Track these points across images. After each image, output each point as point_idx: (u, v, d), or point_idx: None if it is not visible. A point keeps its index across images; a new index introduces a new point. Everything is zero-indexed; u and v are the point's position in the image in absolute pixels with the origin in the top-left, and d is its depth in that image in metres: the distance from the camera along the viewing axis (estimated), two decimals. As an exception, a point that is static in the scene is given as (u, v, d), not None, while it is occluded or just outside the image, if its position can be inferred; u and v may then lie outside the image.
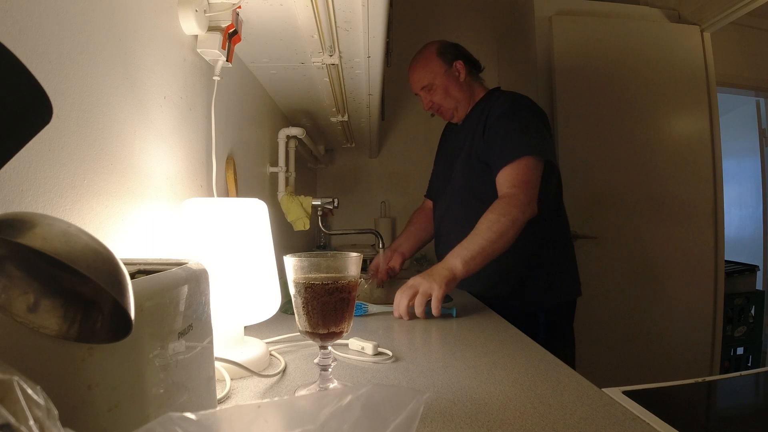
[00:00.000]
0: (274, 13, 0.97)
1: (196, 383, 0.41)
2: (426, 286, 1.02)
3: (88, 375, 0.30)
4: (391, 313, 1.06)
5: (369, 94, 1.55)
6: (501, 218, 1.13)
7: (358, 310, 1.08)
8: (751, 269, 2.60)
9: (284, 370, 0.71)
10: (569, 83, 2.19)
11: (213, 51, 0.88)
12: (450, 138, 1.57)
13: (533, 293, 1.33)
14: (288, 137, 1.63)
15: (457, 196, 1.41)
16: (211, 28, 0.89)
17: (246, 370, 0.65)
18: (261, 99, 1.47)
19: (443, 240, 1.47)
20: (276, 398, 0.43)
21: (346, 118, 1.77)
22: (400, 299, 1.02)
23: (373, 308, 1.10)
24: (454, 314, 1.05)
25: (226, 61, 0.93)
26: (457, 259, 1.09)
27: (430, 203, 1.65)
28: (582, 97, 2.20)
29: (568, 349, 1.40)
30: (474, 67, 1.46)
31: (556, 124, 2.17)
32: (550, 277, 1.34)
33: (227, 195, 1.07)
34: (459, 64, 1.40)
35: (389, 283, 1.56)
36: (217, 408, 0.43)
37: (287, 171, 1.62)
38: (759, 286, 2.65)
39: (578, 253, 1.48)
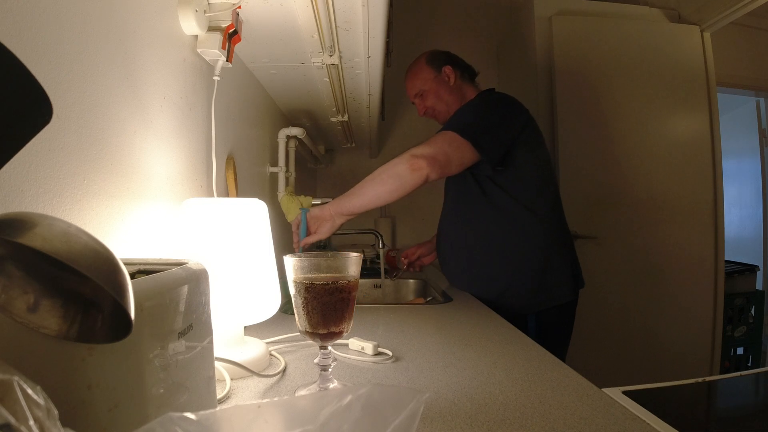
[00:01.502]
0: (274, 13, 0.97)
1: (196, 383, 0.41)
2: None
3: (88, 375, 0.30)
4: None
5: (369, 94, 1.55)
6: (385, 165, 1.22)
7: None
8: (751, 269, 2.60)
9: (284, 370, 0.71)
10: (569, 83, 2.18)
11: (213, 51, 0.88)
12: None
13: (520, 298, 1.32)
14: (288, 137, 1.63)
15: (451, 199, 1.43)
16: (211, 28, 0.89)
17: (246, 370, 0.65)
18: (261, 99, 1.47)
19: (442, 242, 1.49)
20: (276, 398, 0.43)
21: (346, 118, 1.77)
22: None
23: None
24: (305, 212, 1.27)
25: (226, 61, 0.93)
26: (337, 200, 1.26)
27: None
28: (582, 96, 2.20)
29: (560, 352, 1.38)
30: (465, 71, 1.48)
31: (556, 124, 2.17)
32: (536, 281, 1.31)
33: (227, 195, 1.07)
34: (447, 69, 1.44)
35: (398, 279, 1.60)
36: (217, 408, 0.43)
37: (287, 171, 1.62)
38: (759, 286, 2.65)
39: (578, 253, 1.47)
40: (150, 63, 0.72)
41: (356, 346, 0.80)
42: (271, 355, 0.76)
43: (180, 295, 0.39)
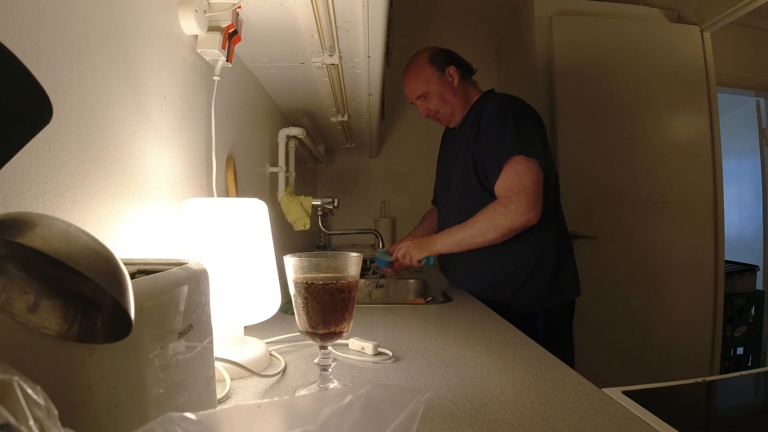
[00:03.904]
0: (274, 13, 0.97)
1: (196, 383, 0.41)
2: (411, 256, 1.39)
3: (88, 375, 0.30)
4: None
5: (369, 94, 1.55)
6: (485, 220, 1.26)
7: (384, 264, 1.46)
8: (751, 269, 2.60)
9: (284, 370, 0.71)
10: (569, 83, 2.18)
11: (213, 51, 0.88)
12: (448, 143, 1.57)
13: (534, 296, 1.33)
14: (288, 137, 1.63)
15: (456, 201, 1.41)
16: (211, 28, 0.89)
17: (246, 370, 0.65)
18: (261, 99, 1.47)
19: None
20: (276, 398, 0.43)
21: (346, 118, 1.77)
22: (398, 257, 1.42)
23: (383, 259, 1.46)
24: (431, 261, 1.42)
25: (226, 61, 0.93)
26: (440, 243, 1.35)
27: (436, 210, 1.66)
28: (582, 96, 2.20)
29: (568, 350, 1.40)
30: (466, 70, 1.46)
31: (556, 124, 2.17)
32: (550, 279, 1.33)
33: (227, 195, 1.07)
34: (451, 70, 1.40)
35: (390, 282, 1.59)
36: (217, 408, 0.43)
37: (287, 171, 1.62)
38: (759, 286, 2.65)
39: (578, 253, 1.48)
40: (150, 63, 0.72)
41: (356, 346, 0.80)
42: (271, 355, 0.76)
43: (180, 295, 0.39)
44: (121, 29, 0.64)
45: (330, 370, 0.61)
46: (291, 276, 0.60)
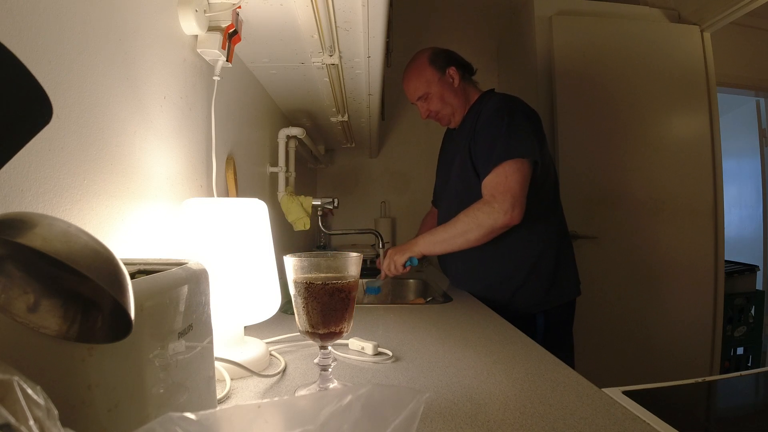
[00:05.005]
0: (274, 13, 0.97)
1: (196, 383, 0.41)
2: (394, 262, 1.40)
3: (88, 375, 0.30)
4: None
5: (369, 94, 1.55)
6: (467, 219, 1.26)
7: (375, 291, 1.49)
8: (751, 269, 2.60)
9: (284, 370, 0.71)
10: (569, 83, 2.18)
11: (213, 51, 0.88)
12: (448, 143, 1.57)
13: (534, 296, 1.33)
14: (288, 137, 1.63)
15: (455, 200, 1.41)
16: (211, 28, 0.89)
17: (246, 370, 0.65)
18: (261, 99, 1.47)
19: None
20: (276, 398, 0.43)
21: (346, 118, 1.77)
22: (386, 267, 1.42)
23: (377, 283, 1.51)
24: (416, 263, 1.41)
25: (226, 61, 0.93)
26: (421, 243, 1.36)
27: (436, 211, 1.65)
28: (582, 96, 2.20)
29: (568, 350, 1.40)
30: (467, 71, 1.45)
31: (556, 124, 2.17)
32: (549, 279, 1.34)
33: (227, 195, 1.07)
34: (452, 71, 1.40)
35: (390, 282, 1.60)
36: (217, 408, 0.43)
37: (287, 171, 1.62)
38: (759, 286, 2.65)
39: (578, 253, 1.48)
40: (150, 63, 0.72)
41: (356, 346, 0.80)
42: (271, 355, 0.76)
43: (180, 295, 0.39)
44: (121, 29, 0.64)
45: (330, 370, 0.61)
46: (291, 276, 0.60)
